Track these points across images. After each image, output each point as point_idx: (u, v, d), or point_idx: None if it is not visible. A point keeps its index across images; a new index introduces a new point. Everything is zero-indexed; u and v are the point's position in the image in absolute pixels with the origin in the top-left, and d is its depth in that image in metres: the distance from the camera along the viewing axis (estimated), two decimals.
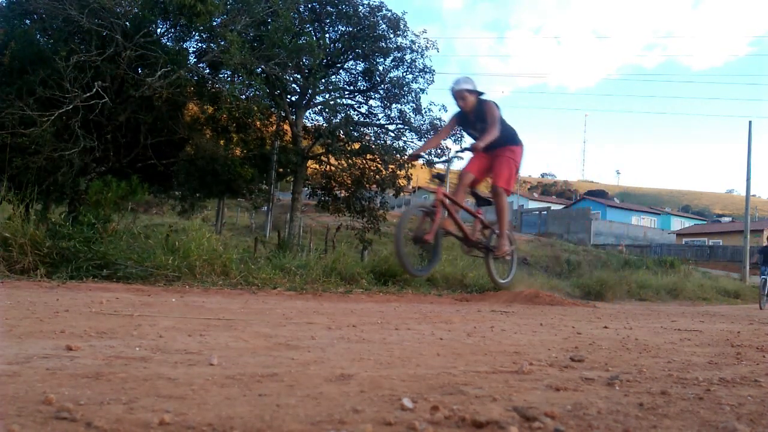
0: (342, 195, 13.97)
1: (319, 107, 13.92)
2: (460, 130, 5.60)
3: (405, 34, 13.28)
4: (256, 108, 10.72)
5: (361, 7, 12.83)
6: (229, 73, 11.00)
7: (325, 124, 13.51)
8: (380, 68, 13.58)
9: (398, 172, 13.47)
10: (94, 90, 8.40)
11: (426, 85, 13.73)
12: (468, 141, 5.36)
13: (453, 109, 5.57)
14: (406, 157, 4.81)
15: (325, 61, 12.83)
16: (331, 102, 13.41)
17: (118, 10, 8.90)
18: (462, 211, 4.93)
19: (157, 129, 10.29)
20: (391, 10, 13.07)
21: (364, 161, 13.46)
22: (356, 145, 13.39)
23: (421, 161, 14.05)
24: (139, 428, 1.28)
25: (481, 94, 4.92)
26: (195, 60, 10.94)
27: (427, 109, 13.63)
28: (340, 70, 14.21)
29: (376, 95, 14.07)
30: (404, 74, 13.58)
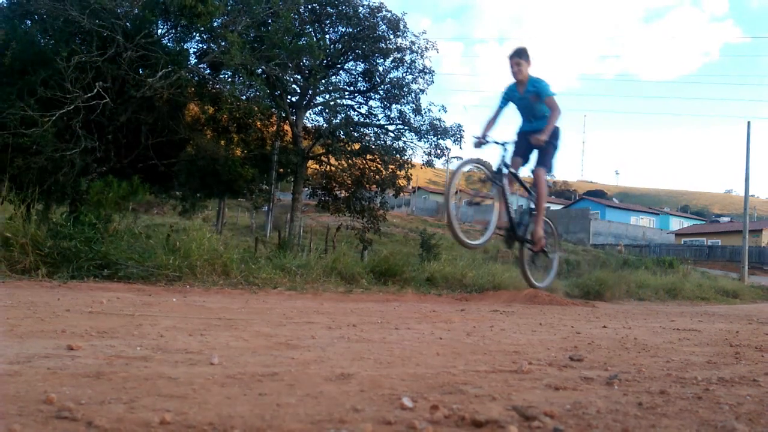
0: (342, 195, 13.99)
1: (319, 108, 13.95)
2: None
3: (405, 34, 13.31)
4: (256, 108, 10.74)
5: (361, 8, 12.85)
6: (229, 73, 11.01)
7: (325, 125, 13.53)
8: (380, 69, 13.61)
9: (398, 172, 13.50)
10: (95, 90, 8.41)
11: (426, 85, 13.76)
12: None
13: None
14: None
15: (325, 61, 12.84)
16: (332, 102, 13.43)
17: (119, 10, 8.92)
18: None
19: (157, 129, 10.29)
20: (390, 11, 13.10)
21: (364, 161, 13.48)
22: (356, 146, 13.41)
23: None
24: (140, 427, 1.29)
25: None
26: (196, 61, 10.95)
27: (426, 110, 13.66)
28: (340, 71, 14.24)
29: (376, 96, 14.09)
30: (404, 75, 13.61)
